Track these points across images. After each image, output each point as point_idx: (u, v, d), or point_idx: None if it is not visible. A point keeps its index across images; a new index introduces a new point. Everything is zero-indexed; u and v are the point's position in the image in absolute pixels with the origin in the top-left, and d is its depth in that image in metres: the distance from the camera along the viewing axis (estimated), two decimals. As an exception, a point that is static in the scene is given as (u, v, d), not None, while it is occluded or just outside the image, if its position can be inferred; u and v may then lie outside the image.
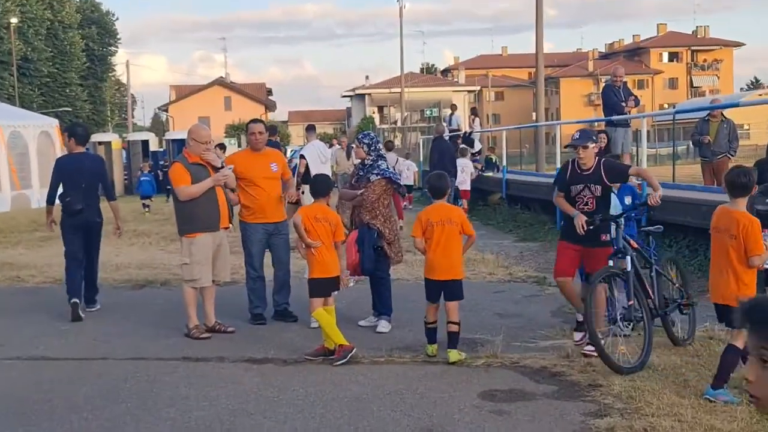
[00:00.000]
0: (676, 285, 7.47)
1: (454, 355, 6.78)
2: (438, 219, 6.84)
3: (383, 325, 7.90)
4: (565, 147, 7.81)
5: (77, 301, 8.75)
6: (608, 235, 6.82)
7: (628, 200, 7.79)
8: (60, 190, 9.01)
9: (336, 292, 7.33)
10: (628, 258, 6.58)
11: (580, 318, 6.96)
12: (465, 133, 23.30)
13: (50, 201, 9.15)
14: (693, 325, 7.38)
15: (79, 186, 8.87)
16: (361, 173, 8.04)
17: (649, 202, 6.65)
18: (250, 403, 5.84)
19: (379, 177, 7.87)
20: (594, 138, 7.03)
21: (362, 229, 7.78)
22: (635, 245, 6.96)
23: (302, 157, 11.09)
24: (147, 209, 22.87)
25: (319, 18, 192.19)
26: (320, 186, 7.33)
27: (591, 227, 6.66)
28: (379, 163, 7.98)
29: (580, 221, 6.70)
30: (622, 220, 6.82)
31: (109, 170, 30.23)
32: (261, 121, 8.81)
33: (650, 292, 6.91)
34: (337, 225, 7.19)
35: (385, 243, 7.80)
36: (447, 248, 6.81)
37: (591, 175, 6.89)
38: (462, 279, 6.98)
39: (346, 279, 7.58)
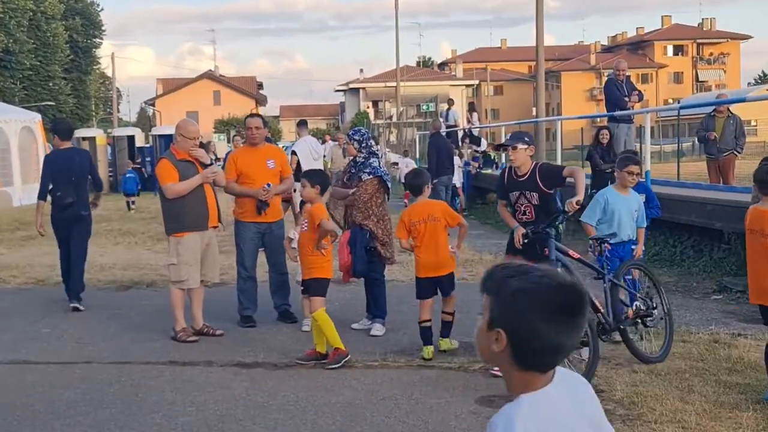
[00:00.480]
0: (639, 295, 6.82)
1: (445, 343, 6.95)
2: (420, 218, 6.89)
3: (377, 328, 7.77)
4: (495, 148, 7.61)
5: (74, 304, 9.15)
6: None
7: (642, 198, 7.52)
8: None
9: None
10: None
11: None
12: (467, 130, 23.11)
13: (42, 197, 9.28)
14: (668, 338, 6.75)
15: (70, 180, 9.06)
16: (353, 171, 7.90)
17: (566, 209, 6.24)
18: (239, 408, 5.77)
19: (371, 176, 7.73)
20: (527, 139, 6.57)
21: (354, 230, 7.65)
22: (576, 255, 6.47)
23: (294, 153, 10.97)
24: (132, 207, 22.68)
25: (312, 10, 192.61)
26: (326, 183, 7.27)
27: (525, 240, 6.29)
28: (371, 161, 7.85)
29: (518, 234, 6.36)
30: (553, 230, 6.36)
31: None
32: (259, 115, 8.68)
33: (598, 305, 6.36)
34: None
35: (378, 244, 7.67)
36: (433, 245, 6.87)
37: (526, 182, 6.50)
38: (453, 271, 7.08)
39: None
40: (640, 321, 6.63)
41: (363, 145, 7.83)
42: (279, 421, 5.47)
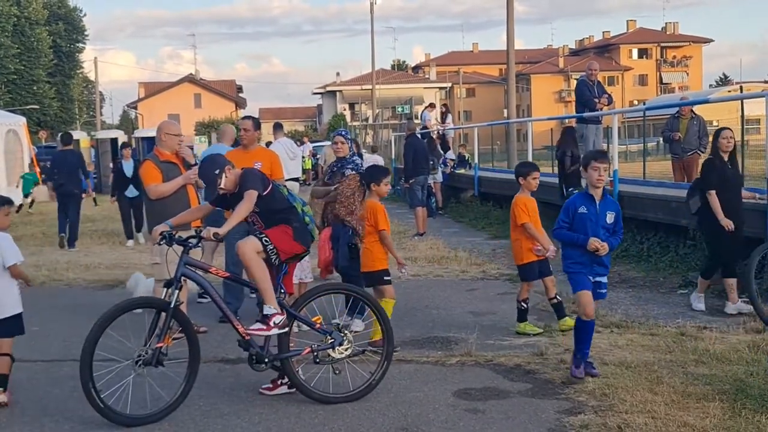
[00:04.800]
0: (318, 327, 6.04)
1: (566, 322, 7.52)
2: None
3: (357, 324, 7.89)
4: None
5: (63, 234, 14.63)
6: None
7: (610, 218, 6.16)
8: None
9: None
10: (175, 291, 5.68)
11: None
12: (441, 132, 23.26)
13: (50, 178, 16.36)
14: (375, 375, 5.96)
15: (64, 170, 14.83)
16: (335, 169, 8.04)
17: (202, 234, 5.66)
18: (224, 403, 5.84)
19: (354, 172, 7.89)
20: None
21: (337, 226, 7.75)
22: (224, 274, 6.05)
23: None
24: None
25: (286, 15, 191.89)
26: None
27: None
28: (354, 158, 8.01)
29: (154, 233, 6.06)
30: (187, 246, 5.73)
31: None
32: (252, 118, 8.62)
33: (241, 332, 5.87)
34: None
35: (359, 241, 7.78)
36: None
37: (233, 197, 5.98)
38: (522, 264, 7.71)
39: None
40: (326, 355, 5.93)
41: (350, 144, 8.10)
42: (263, 416, 5.55)
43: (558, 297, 7.72)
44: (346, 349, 5.93)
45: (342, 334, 5.95)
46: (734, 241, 8.24)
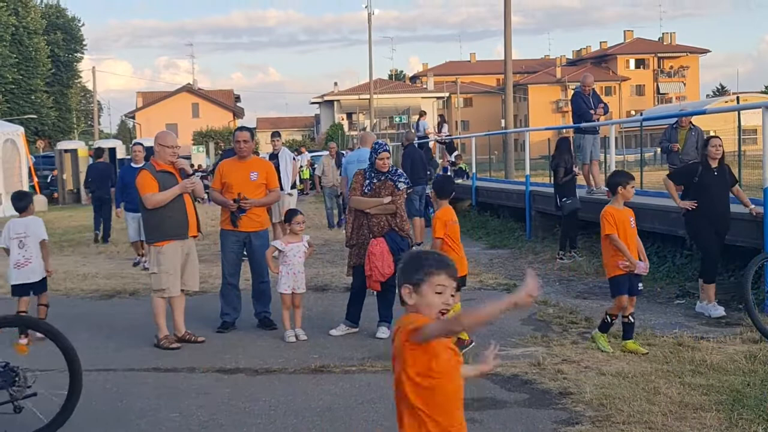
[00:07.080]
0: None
1: (630, 345, 7.23)
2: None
3: (383, 331, 7.91)
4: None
5: (98, 232, 16.84)
6: None
7: None
8: None
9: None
10: None
11: None
12: (442, 139, 23.35)
13: (85, 185, 20.38)
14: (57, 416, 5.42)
15: (97, 179, 17.19)
16: (376, 181, 7.96)
17: None
18: (222, 414, 5.83)
19: (406, 185, 8.04)
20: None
21: (395, 237, 7.82)
22: None
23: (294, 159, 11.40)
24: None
25: (282, 24, 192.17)
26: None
27: None
28: (399, 171, 8.14)
29: None
30: None
31: (75, 178, 31.28)
32: (248, 129, 8.65)
33: None
34: None
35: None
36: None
37: None
38: (609, 277, 7.39)
39: None
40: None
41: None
42: (261, 426, 5.55)
43: (631, 318, 7.38)
44: (17, 391, 5.34)
45: (13, 374, 5.35)
46: (713, 243, 8.63)
